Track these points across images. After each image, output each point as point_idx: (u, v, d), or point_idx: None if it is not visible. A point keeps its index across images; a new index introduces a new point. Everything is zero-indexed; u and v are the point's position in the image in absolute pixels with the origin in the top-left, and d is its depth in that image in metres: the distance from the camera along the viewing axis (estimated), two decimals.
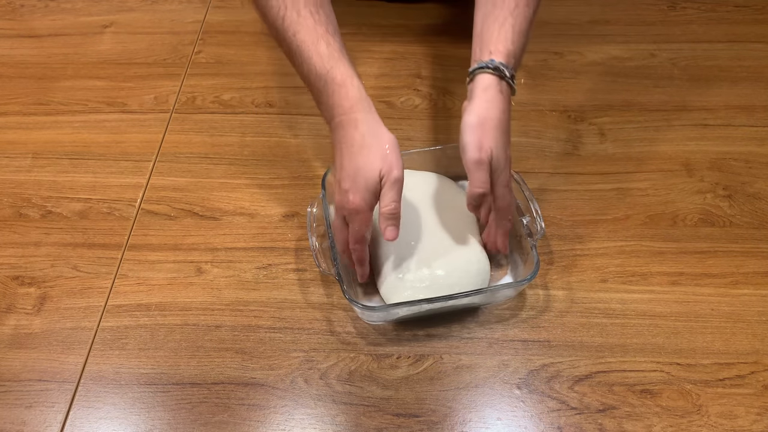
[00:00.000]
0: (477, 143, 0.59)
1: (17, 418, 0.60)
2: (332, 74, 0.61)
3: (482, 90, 0.61)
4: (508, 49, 0.62)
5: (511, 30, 0.63)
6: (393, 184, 0.59)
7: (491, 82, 0.61)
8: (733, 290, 0.67)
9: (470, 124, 0.60)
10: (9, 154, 0.83)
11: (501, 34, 0.62)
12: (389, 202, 0.59)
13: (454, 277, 0.64)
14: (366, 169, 0.59)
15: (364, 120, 0.60)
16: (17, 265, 0.71)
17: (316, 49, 0.62)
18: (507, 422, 0.59)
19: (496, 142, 0.60)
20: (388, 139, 0.60)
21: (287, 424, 0.59)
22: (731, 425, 0.58)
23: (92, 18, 1.04)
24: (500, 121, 0.61)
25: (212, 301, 0.68)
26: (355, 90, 0.61)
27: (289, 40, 0.63)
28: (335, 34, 0.64)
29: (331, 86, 0.61)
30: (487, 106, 0.61)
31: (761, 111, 0.86)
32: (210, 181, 0.79)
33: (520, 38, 0.63)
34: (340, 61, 0.62)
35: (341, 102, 0.61)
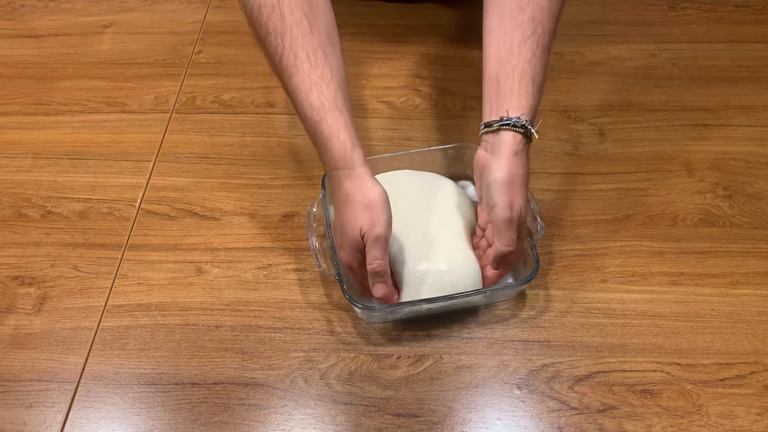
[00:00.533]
0: (508, 202, 0.59)
1: (17, 418, 0.60)
2: (320, 127, 0.60)
3: (513, 151, 0.61)
4: (531, 104, 0.61)
5: (530, 83, 0.62)
6: (374, 242, 0.58)
7: (518, 141, 0.61)
8: (733, 290, 0.67)
9: (501, 182, 0.60)
10: (9, 154, 0.83)
11: (522, 87, 0.61)
12: (372, 260, 0.59)
13: (454, 276, 0.64)
14: (349, 226, 0.59)
15: (347, 176, 0.60)
16: (17, 265, 0.71)
17: (307, 98, 0.60)
18: (507, 422, 0.59)
19: (523, 200, 0.61)
20: (373, 194, 0.59)
21: (287, 424, 0.59)
22: (731, 425, 0.58)
23: (92, 18, 1.04)
24: (526, 179, 0.62)
25: (212, 301, 0.68)
26: (340, 146, 0.59)
27: (285, 82, 0.62)
28: (332, 79, 0.61)
29: (319, 140, 0.61)
30: (515, 165, 0.61)
31: (761, 111, 0.86)
32: (210, 181, 0.79)
33: (539, 91, 0.63)
34: (329, 113, 0.60)
35: (327, 158, 0.61)
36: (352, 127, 0.61)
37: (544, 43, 0.63)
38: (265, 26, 0.62)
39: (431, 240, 0.66)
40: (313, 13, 0.63)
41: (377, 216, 0.58)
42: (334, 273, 0.63)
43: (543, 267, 0.69)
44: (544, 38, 0.63)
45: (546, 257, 0.70)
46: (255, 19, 0.63)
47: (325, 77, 0.61)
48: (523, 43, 0.62)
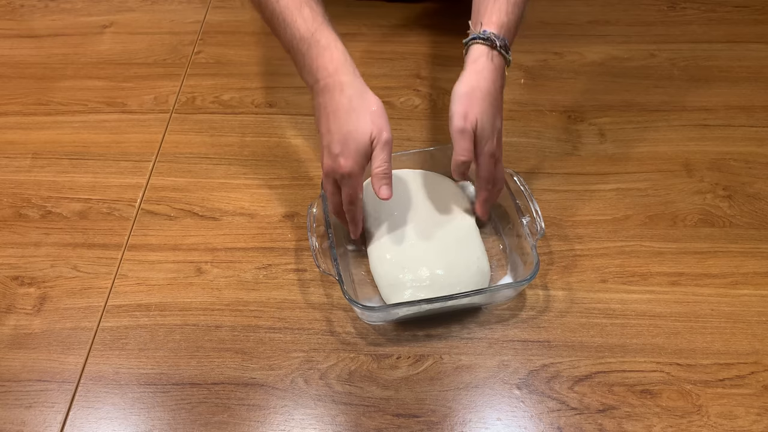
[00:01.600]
0: (463, 112, 0.61)
1: (17, 418, 0.60)
2: (317, 37, 0.62)
3: (473, 61, 0.62)
4: (502, 20, 0.63)
5: (505, 2, 0.63)
6: (384, 145, 0.60)
7: (482, 52, 0.62)
8: (733, 290, 0.67)
9: (458, 94, 0.61)
10: (9, 154, 0.83)
11: (495, 5, 0.64)
12: (381, 163, 0.60)
13: (453, 276, 0.64)
14: (357, 132, 0.60)
15: (349, 83, 0.61)
16: (17, 265, 0.71)
17: (300, 13, 0.62)
18: (507, 422, 0.59)
19: (482, 111, 0.61)
20: (374, 101, 0.61)
21: (287, 425, 0.59)
22: (731, 425, 0.58)
23: (92, 18, 1.04)
24: (489, 91, 0.62)
25: (212, 301, 0.68)
26: (339, 53, 0.61)
27: (273, 5, 0.64)
28: (319, 2, 0.64)
29: (316, 49, 0.61)
30: (476, 77, 0.62)
31: (761, 111, 0.86)
32: (210, 181, 0.79)
33: (514, 9, 0.64)
34: (323, 25, 0.62)
35: (326, 65, 0.61)
36: None
37: None
38: None
39: (432, 239, 0.66)
40: None
41: (384, 122, 0.60)
42: (333, 273, 0.63)
43: (543, 267, 0.69)
44: None
45: (546, 257, 0.70)
46: None
47: None
48: None
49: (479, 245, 0.67)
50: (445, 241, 0.66)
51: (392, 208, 0.69)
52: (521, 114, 0.86)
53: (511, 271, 0.68)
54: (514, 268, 0.68)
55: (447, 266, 0.65)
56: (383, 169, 0.60)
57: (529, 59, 0.94)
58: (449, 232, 0.67)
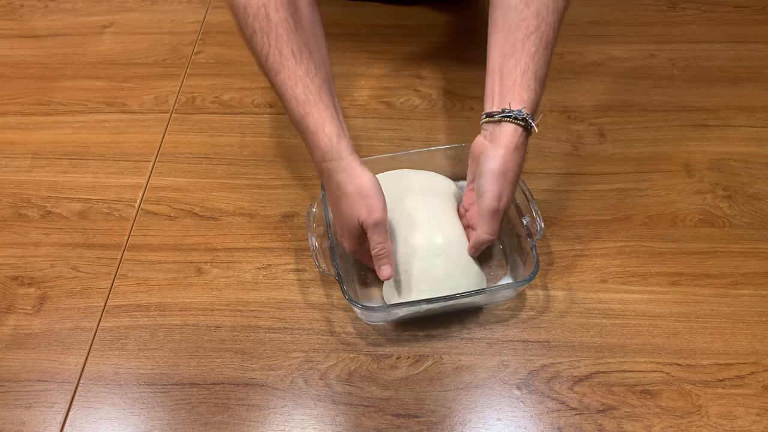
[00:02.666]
0: (498, 193, 0.61)
1: (17, 419, 0.60)
2: (306, 122, 0.61)
3: (511, 140, 0.61)
4: (532, 98, 0.62)
5: (533, 78, 0.63)
6: (374, 227, 0.60)
7: (520, 136, 0.62)
8: (732, 291, 0.67)
9: (495, 173, 0.61)
10: (9, 154, 0.83)
11: (524, 81, 0.62)
12: (375, 245, 0.60)
13: (454, 279, 0.64)
14: (347, 217, 0.61)
15: (336, 168, 0.61)
16: (17, 265, 0.71)
17: (293, 93, 0.62)
18: (507, 423, 0.59)
19: (512, 193, 0.63)
20: (364, 181, 0.60)
21: (287, 425, 0.59)
22: (731, 426, 0.58)
23: (92, 18, 1.04)
24: (518, 173, 0.63)
25: (212, 301, 0.68)
26: (326, 138, 0.60)
27: (272, 79, 0.64)
28: (316, 74, 0.62)
29: (306, 134, 0.62)
30: (512, 159, 0.62)
31: (761, 111, 0.86)
32: (210, 181, 0.79)
33: (541, 86, 0.64)
34: (314, 107, 0.61)
35: (315, 151, 0.62)
36: (339, 120, 0.62)
37: (547, 39, 0.64)
38: (251, 26, 0.63)
39: (431, 240, 0.66)
40: (297, 13, 0.64)
41: (372, 203, 0.60)
42: (333, 273, 0.63)
43: (543, 267, 0.69)
44: (548, 35, 0.64)
45: (546, 257, 0.70)
46: (241, 19, 0.64)
47: (309, 73, 0.62)
48: (526, 39, 0.63)
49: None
50: (446, 241, 0.66)
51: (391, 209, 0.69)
52: None
53: (511, 271, 0.68)
54: (514, 268, 0.68)
55: (447, 266, 0.64)
56: (377, 250, 0.61)
57: None
58: (449, 232, 0.67)
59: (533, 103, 0.62)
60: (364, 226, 0.60)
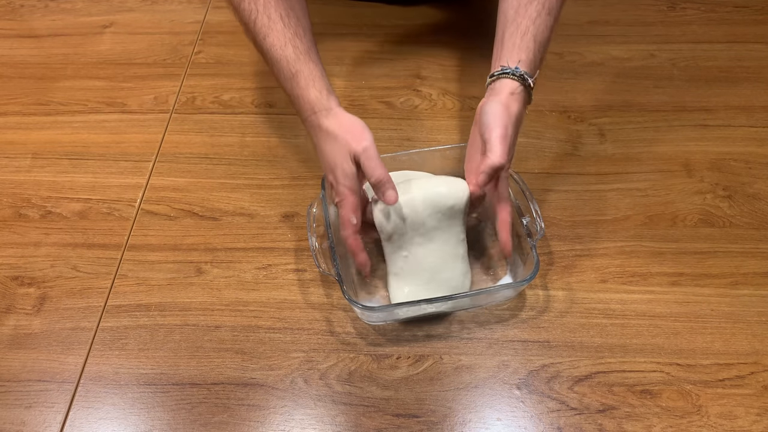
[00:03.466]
0: (504, 123, 0.61)
1: (17, 419, 0.60)
2: (297, 79, 0.64)
3: (509, 92, 0.63)
4: (530, 58, 0.64)
5: (532, 40, 0.65)
6: (366, 155, 0.60)
7: (517, 89, 0.63)
8: (732, 291, 0.67)
9: (496, 110, 0.62)
10: (9, 154, 0.83)
11: (523, 43, 0.65)
12: (371, 172, 0.60)
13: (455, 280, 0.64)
14: (339, 158, 0.61)
15: (326, 116, 0.63)
16: (17, 265, 0.71)
17: (283, 53, 0.64)
18: (507, 423, 0.59)
19: (515, 132, 0.63)
20: (351, 120, 0.62)
21: (287, 425, 0.59)
22: (731, 426, 0.58)
23: (92, 18, 1.04)
24: (519, 119, 0.64)
25: (212, 301, 0.68)
26: (316, 92, 0.63)
27: (260, 43, 0.66)
28: (304, 36, 0.66)
29: (296, 90, 0.64)
30: (511, 104, 0.63)
31: (761, 111, 0.86)
32: (210, 181, 0.79)
33: (540, 48, 0.66)
34: (304, 65, 0.64)
35: (305, 105, 0.64)
36: (326, 77, 0.65)
37: (550, 5, 0.66)
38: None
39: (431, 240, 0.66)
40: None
41: (359, 133, 0.61)
42: (333, 273, 0.63)
43: (543, 267, 0.69)
44: (551, 1, 0.67)
45: (546, 257, 0.70)
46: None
47: (298, 34, 0.65)
48: (529, 4, 0.66)
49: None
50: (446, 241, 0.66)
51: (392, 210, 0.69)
52: None
53: (511, 271, 0.68)
54: (514, 268, 0.68)
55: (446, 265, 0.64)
56: (376, 177, 0.60)
57: None
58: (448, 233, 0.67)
59: (530, 63, 0.64)
60: (356, 156, 0.60)
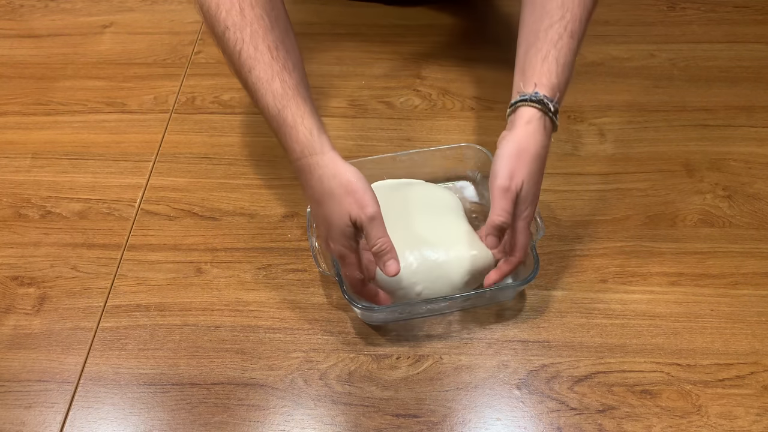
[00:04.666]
0: (509, 172, 0.58)
1: (16, 419, 0.60)
2: (283, 115, 0.59)
3: (525, 122, 0.59)
4: (552, 82, 0.60)
5: (554, 62, 0.61)
6: (371, 222, 0.56)
7: (534, 116, 0.60)
8: (732, 291, 0.67)
9: (506, 153, 0.59)
10: (9, 154, 0.83)
11: (544, 66, 0.61)
12: (375, 240, 0.56)
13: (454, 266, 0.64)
14: (336, 217, 0.57)
15: (317, 163, 0.58)
16: (17, 265, 0.71)
17: (270, 88, 0.59)
18: (506, 423, 0.59)
19: (529, 174, 0.59)
20: (349, 176, 0.57)
21: (287, 425, 0.59)
22: (731, 426, 0.58)
23: (92, 18, 1.04)
24: (538, 155, 0.59)
25: (212, 301, 0.67)
26: (305, 131, 0.58)
27: (245, 76, 0.61)
28: (293, 70, 0.61)
29: (283, 128, 0.59)
30: (527, 139, 0.59)
31: (761, 111, 0.86)
32: (210, 181, 0.79)
33: (564, 71, 0.61)
34: (292, 100, 0.59)
35: (293, 146, 0.59)
36: (317, 116, 0.60)
37: (572, 29, 0.63)
38: (223, 22, 0.62)
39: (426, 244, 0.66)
40: (274, 11, 0.63)
41: (362, 197, 0.56)
42: (333, 274, 0.63)
43: (543, 267, 0.69)
44: (573, 24, 0.63)
45: (546, 257, 0.70)
46: (213, 16, 0.63)
47: (287, 68, 0.60)
48: (549, 28, 0.62)
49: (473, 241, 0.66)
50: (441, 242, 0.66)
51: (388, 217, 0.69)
52: None
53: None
54: None
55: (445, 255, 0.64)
56: (379, 245, 0.56)
57: None
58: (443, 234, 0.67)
59: (553, 86, 0.60)
60: (358, 222, 0.56)
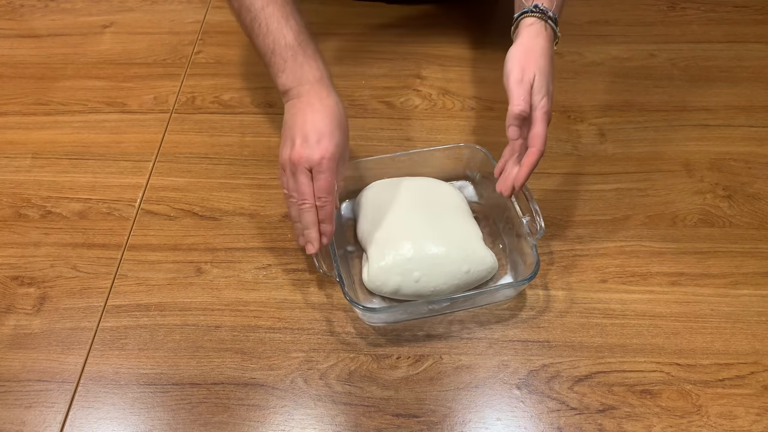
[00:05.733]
0: (520, 68, 0.62)
1: (17, 418, 0.60)
2: (303, 47, 0.66)
3: (527, 27, 0.65)
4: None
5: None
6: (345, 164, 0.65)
7: (535, 22, 0.65)
8: (732, 290, 0.67)
9: (514, 54, 0.63)
10: (9, 154, 0.83)
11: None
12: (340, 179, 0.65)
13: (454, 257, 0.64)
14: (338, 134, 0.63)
15: (330, 94, 0.65)
16: (17, 265, 0.71)
17: (287, 22, 0.66)
18: (507, 422, 0.59)
19: (540, 67, 0.63)
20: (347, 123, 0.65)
21: (287, 425, 0.59)
22: (731, 426, 0.58)
23: (92, 18, 1.04)
24: (546, 50, 0.64)
25: (212, 301, 0.68)
26: (323, 65, 0.66)
27: (256, 12, 0.67)
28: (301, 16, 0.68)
29: (302, 57, 0.65)
30: (532, 39, 0.64)
31: (761, 111, 0.86)
32: (210, 181, 0.79)
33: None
34: (309, 38, 0.67)
35: (309, 73, 0.65)
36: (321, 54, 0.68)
37: None
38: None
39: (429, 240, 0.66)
40: None
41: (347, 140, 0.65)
42: (334, 275, 0.63)
43: (543, 267, 0.69)
44: None
45: (546, 257, 0.70)
46: None
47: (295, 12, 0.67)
48: None
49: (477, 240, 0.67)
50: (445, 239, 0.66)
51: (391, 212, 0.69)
52: None
53: (511, 270, 0.68)
54: (514, 268, 0.68)
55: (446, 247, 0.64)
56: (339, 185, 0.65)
57: None
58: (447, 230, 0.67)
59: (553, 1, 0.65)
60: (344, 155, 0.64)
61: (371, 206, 0.70)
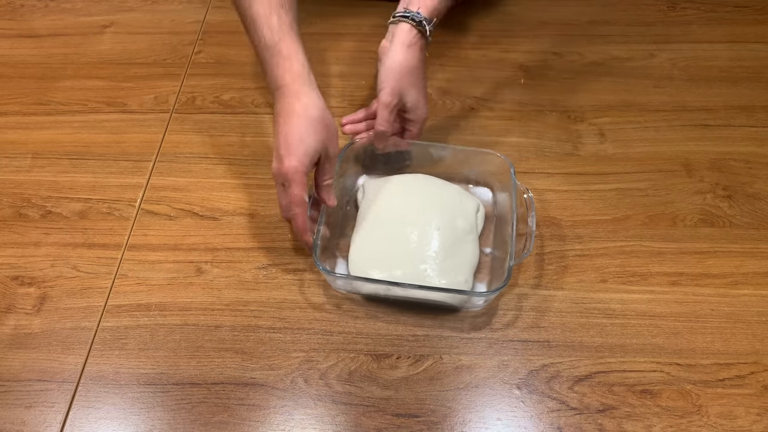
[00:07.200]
0: (392, 89, 0.69)
1: (17, 418, 0.60)
2: (279, 47, 0.65)
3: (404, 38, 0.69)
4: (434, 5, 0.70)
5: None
6: (332, 159, 0.66)
7: (412, 33, 0.69)
8: (733, 290, 0.67)
9: (390, 69, 0.69)
10: (9, 154, 0.83)
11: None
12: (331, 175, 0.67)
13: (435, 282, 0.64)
14: (309, 138, 0.63)
15: (306, 93, 0.65)
16: (17, 265, 0.71)
17: (267, 22, 0.66)
18: (507, 422, 0.59)
19: (411, 86, 0.70)
20: (329, 117, 0.66)
21: (287, 425, 0.59)
22: (731, 425, 0.58)
23: (92, 18, 1.04)
24: (418, 69, 0.70)
25: (212, 301, 0.68)
26: (299, 64, 0.65)
27: (244, 12, 0.68)
28: (289, 10, 0.68)
29: (277, 58, 0.65)
30: (407, 56, 0.69)
31: (761, 111, 0.86)
32: (210, 181, 0.79)
33: None
34: (288, 35, 0.66)
35: (284, 74, 0.65)
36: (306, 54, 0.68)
37: None
38: None
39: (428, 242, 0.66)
40: None
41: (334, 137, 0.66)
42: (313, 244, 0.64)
43: (543, 267, 0.69)
44: None
45: (546, 257, 0.70)
46: None
47: (284, 6, 0.67)
48: None
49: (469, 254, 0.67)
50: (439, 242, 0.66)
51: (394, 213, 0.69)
52: (521, 114, 0.86)
53: (490, 282, 0.67)
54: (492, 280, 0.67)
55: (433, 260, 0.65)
56: (331, 182, 0.67)
57: (529, 59, 0.94)
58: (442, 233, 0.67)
59: (432, 9, 0.70)
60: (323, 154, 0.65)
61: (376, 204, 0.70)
